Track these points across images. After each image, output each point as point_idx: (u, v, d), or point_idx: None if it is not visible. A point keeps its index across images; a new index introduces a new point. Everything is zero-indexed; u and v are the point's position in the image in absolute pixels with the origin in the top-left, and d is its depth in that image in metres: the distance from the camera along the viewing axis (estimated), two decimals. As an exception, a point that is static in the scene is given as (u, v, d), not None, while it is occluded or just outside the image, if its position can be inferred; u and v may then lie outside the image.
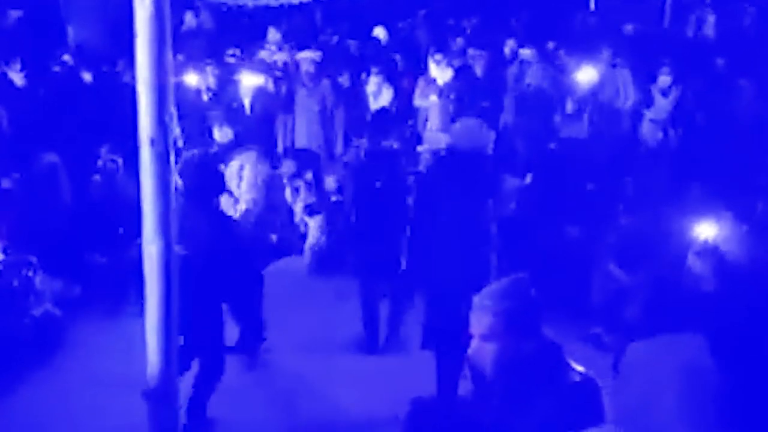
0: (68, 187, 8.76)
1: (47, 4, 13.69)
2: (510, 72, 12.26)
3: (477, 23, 14.70)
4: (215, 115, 10.92)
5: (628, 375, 4.39)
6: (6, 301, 7.18)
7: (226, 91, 11.55)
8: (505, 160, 9.44)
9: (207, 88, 11.51)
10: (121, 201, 8.06)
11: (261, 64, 12.35)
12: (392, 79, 12.39)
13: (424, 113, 11.99)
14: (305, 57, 12.25)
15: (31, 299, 7.37)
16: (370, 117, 11.31)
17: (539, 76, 11.87)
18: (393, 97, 12.11)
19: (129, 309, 7.16)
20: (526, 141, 10.81)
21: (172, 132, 3.91)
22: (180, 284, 4.14)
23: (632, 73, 11.82)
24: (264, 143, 10.75)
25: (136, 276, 4.27)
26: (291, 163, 10.40)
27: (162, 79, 3.84)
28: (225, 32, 14.27)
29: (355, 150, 10.21)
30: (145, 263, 4.03)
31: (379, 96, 12.07)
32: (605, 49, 11.96)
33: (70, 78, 11.37)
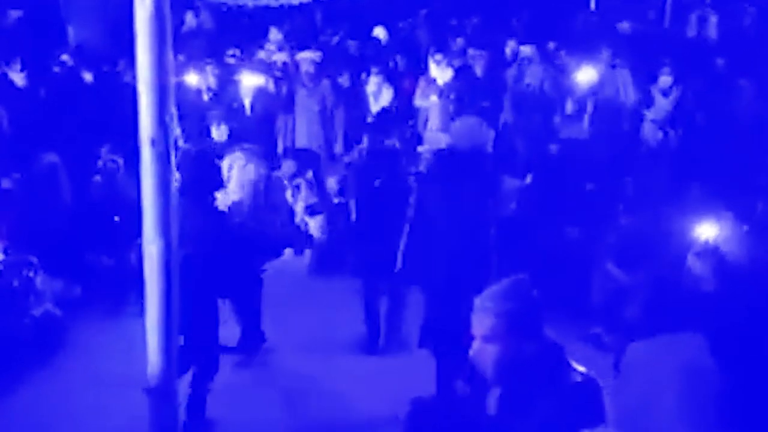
0: (68, 187, 8.77)
1: (47, 4, 13.69)
2: (510, 72, 12.25)
3: (477, 23, 14.70)
4: (215, 115, 10.91)
5: (629, 375, 4.39)
6: (6, 301, 7.18)
7: (227, 91, 11.54)
8: (505, 161, 9.43)
9: (207, 88, 11.51)
10: (122, 201, 8.08)
11: (261, 65, 12.35)
12: (392, 79, 12.39)
13: (425, 113, 11.99)
14: (305, 57, 12.24)
15: (32, 299, 7.37)
16: (371, 118, 11.35)
17: (539, 76, 11.88)
18: (393, 98, 12.11)
19: (129, 309, 7.17)
20: (526, 141, 10.81)
21: (173, 132, 3.91)
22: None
23: (632, 73, 11.81)
24: (262, 143, 10.75)
25: (137, 276, 4.27)
26: (291, 164, 10.40)
27: (162, 79, 3.85)
28: (225, 32, 14.26)
29: (356, 150, 10.21)
30: (146, 263, 4.03)
31: (379, 96, 12.07)
32: (605, 50, 11.96)
33: (71, 78, 11.36)
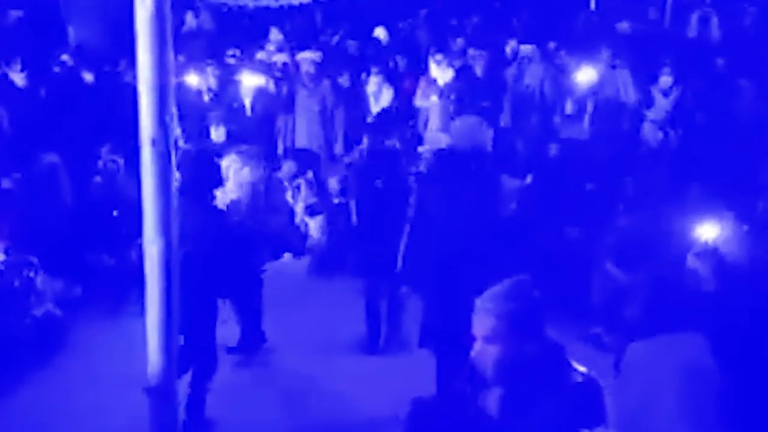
0: (69, 188, 8.77)
1: (47, 4, 13.69)
2: (510, 72, 12.25)
3: (477, 23, 14.69)
4: (214, 116, 10.92)
5: (629, 375, 4.39)
6: (7, 302, 7.19)
7: (227, 92, 11.55)
8: (506, 161, 9.43)
9: (208, 89, 11.52)
10: (122, 201, 8.09)
11: (261, 65, 12.35)
12: (392, 80, 12.39)
13: (425, 113, 11.99)
14: (305, 57, 12.24)
15: (32, 299, 7.38)
16: (372, 118, 11.35)
17: (539, 76, 11.87)
18: (393, 98, 12.10)
19: (129, 309, 7.17)
20: (527, 141, 10.81)
21: (173, 132, 3.91)
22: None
23: (632, 74, 11.81)
24: (262, 143, 10.76)
25: (137, 276, 4.27)
26: (291, 164, 10.41)
27: (163, 79, 3.85)
28: (225, 33, 14.25)
29: (356, 150, 10.21)
30: (146, 263, 4.03)
31: (380, 96, 12.06)
32: (605, 50, 11.96)
33: (71, 78, 11.36)
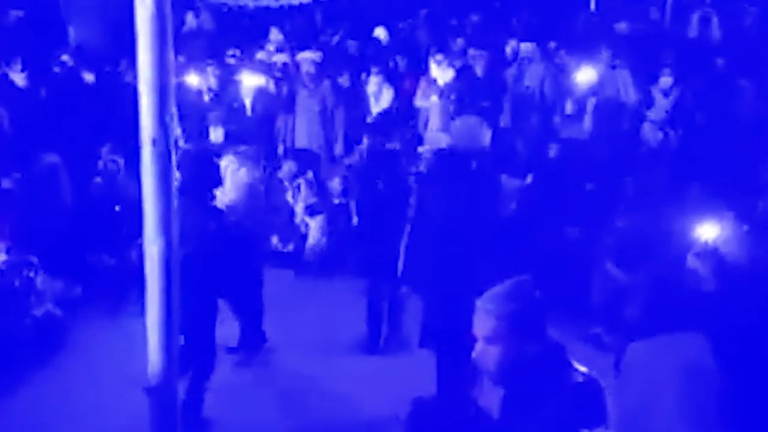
0: (69, 188, 8.77)
1: (48, 4, 13.68)
2: (510, 72, 12.25)
3: (478, 23, 14.69)
4: (214, 116, 10.91)
5: (629, 375, 4.40)
6: (7, 302, 7.19)
7: (227, 92, 11.54)
8: (506, 161, 9.43)
9: (208, 89, 11.51)
10: (122, 201, 8.09)
11: (261, 65, 12.34)
12: (393, 80, 12.38)
13: (425, 114, 11.98)
14: (306, 57, 12.23)
15: (32, 299, 7.38)
16: (372, 118, 11.35)
17: (540, 75, 11.86)
18: (394, 98, 12.10)
19: (129, 308, 7.16)
20: (527, 141, 10.80)
21: (174, 132, 3.91)
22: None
23: (633, 74, 11.81)
24: (262, 144, 10.75)
25: (137, 276, 4.27)
26: (291, 164, 10.41)
27: (163, 79, 3.84)
28: (226, 33, 14.25)
29: (357, 150, 10.21)
30: (147, 263, 4.02)
31: (380, 96, 12.05)
32: (605, 50, 11.96)
33: (71, 78, 11.36)
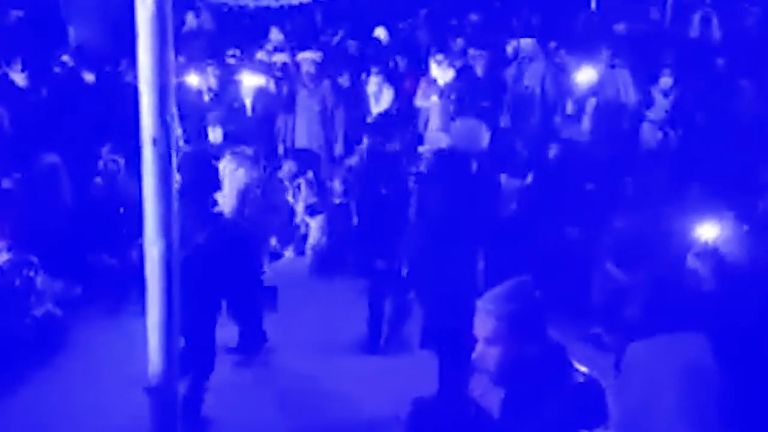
0: (69, 188, 8.77)
1: (48, 4, 13.68)
2: (511, 72, 12.24)
3: (478, 23, 14.68)
4: (213, 116, 10.91)
5: (629, 375, 4.40)
6: (7, 301, 7.19)
7: (227, 92, 11.55)
8: (506, 161, 9.44)
9: (208, 89, 11.52)
10: (123, 201, 8.09)
11: (262, 65, 12.35)
12: (393, 80, 12.39)
13: (425, 113, 11.98)
14: (306, 57, 12.23)
15: (33, 299, 7.38)
16: (372, 118, 11.35)
17: (540, 74, 11.85)
18: (394, 98, 12.10)
19: (130, 308, 7.17)
20: (527, 141, 10.80)
21: (174, 132, 3.91)
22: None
23: (633, 74, 11.80)
24: (262, 144, 10.75)
25: (137, 276, 4.27)
26: (292, 164, 10.41)
27: (164, 79, 3.84)
28: (226, 33, 14.25)
29: (357, 150, 10.20)
30: (147, 264, 4.02)
31: (380, 96, 12.06)
32: (605, 50, 11.95)
33: (72, 78, 11.36)
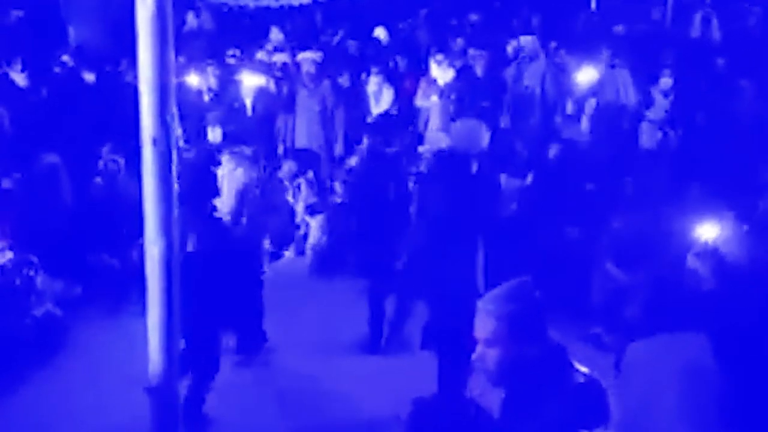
0: (69, 188, 8.77)
1: (48, 4, 13.68)
2: (510, 71, 12.24)
3: (478, 23, 14.69)
4: (213, 116, 10.91)
5: (629, 375, 4.40)
6: (7, 301, 7.19)
7: (227, 92, 11.55)
8: (506, 161, 9.44)
9: (208, 89, 11.52)
10: (123, 201, 8.08)
11: (262, 65, 12.35)
12: (393, 80, 12.39)
13: (425, 113, 11.99)
14: (306, 57, 12.23)
15: (33, 299, 7.38)
16: (372, 118, 11.35)
17: (540, 73, 11.85)
18: (394, 98, 12.11)
19: (130, 308, 7.17)
20: (527, 141, 10.81)
21: (175, 132, 3.91)
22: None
23: (633, 74, 11.81)
24: (263, 143, 10.75)
25: (138, 276, 4.27)
26: (292, 164, 10.41)
27: (164, 79, 3.84)
28: (226, 33, 14.26)
29: (357, 150, 10.20)
30: (147, 264, 4.02)
31: (380, 96, 12.07)
32: (605, 50, 11.96)
33: (72, 78, 11.36)
